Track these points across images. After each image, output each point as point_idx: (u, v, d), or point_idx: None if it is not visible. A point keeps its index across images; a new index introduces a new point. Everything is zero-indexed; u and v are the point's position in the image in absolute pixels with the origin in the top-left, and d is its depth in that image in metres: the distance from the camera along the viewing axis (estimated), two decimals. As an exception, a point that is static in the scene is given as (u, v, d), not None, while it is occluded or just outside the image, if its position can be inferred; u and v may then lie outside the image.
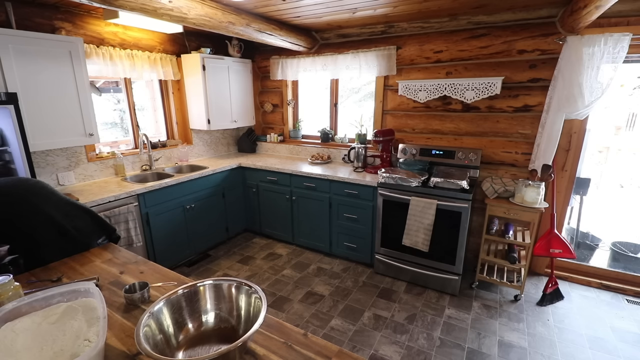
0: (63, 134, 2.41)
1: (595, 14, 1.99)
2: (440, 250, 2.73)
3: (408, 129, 3.34)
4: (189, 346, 1.00)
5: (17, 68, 2.14)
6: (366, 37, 3.32)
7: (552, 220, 2.63)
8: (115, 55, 2.90)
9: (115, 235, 1.73)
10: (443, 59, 3.00)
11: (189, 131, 3.76)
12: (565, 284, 2.90)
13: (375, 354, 2.16)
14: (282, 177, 3.48)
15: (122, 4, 1.85)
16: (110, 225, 1.71)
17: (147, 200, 2.78)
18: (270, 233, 3.82)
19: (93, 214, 1.65)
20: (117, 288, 1.28)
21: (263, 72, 4.14)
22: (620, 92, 3.84)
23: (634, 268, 2.94)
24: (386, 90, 3.37)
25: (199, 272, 3.18)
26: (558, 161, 2.76)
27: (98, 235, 1.65)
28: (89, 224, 1.61)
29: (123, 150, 3.25)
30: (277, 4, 2.45)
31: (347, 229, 3.24)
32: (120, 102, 3.48)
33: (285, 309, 2.63)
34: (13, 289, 1.08)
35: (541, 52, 2.61)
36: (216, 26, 2.44)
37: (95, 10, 2.70)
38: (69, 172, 2.78)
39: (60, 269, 1.43)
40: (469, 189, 2.60)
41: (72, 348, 0.90)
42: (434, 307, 2.65)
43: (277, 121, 4.25)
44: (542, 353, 2.17)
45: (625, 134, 4.36)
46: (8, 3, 2.25)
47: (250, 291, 1.04)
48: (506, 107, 2.82)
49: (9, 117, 2.02)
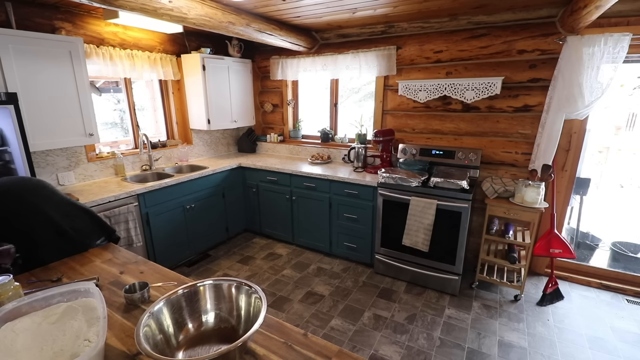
0: (63, 134, 2.41)
1: (595, 14, 1.99)
2: (440, 250, 2.73)
3: (408, 129, 3.34)
4: (189, 346, 1.00)
5: (17, 68, 2.14)
6: (366, 37, 3.32)
7: (552, 220, 2.63)
8: (115, 55, 2.90)
9: (115, 236, 1.72)
10: (443, 59, 3.00)
11: (189, 131, 3.76)
12: (565, 284, 2.90)
13: (375, 354, 2.16)
14: (282, 177, 3.48)
15: (122, 4, 1.85)
16: (109, 226, 1.71)
17: (147, 200, 2.78)
18: (270, 233, 3.82)
19: (93, 215, 1.65)
20: (117, 288, 1.28)
21: (263, 72, 4.14)
22: (620, 92, 3.84)
23: (634, 268, 2.94)
24: (386, 90, 3.37)
25: (199, 272, 3.18)
26: (558, 161, 2.76)
27: (97, 235, 1.65)
28: (88, 225, 1.61)
29: (123, 150, 3.25)
30: (277, 4, 2.45)
31: (347, 229, 3.24)
32: (120, 102, 3.48)
33: (285, 309, 2.63)
34: (13, 289, 1.08)
35: (541, 52, 2.61)
36: (216, 26, 2.44)
37: (95, 10, 2.70)
38: (69, 172, 2.78)
39: (60, 269, 1.43)
40: (469, 189, 2.60)
41: (72, 348, 0.90)
42: (434, 307, 2.65)
43: (277, 121, 4.25)
44: (542, 353, 2.17)
45: (625, 134, 4.36)
46: (8, 3, 2.25)
47: (250, 291, 1.04)
48: (506, 107, 2.82)
49: (9, 117, 2.02)
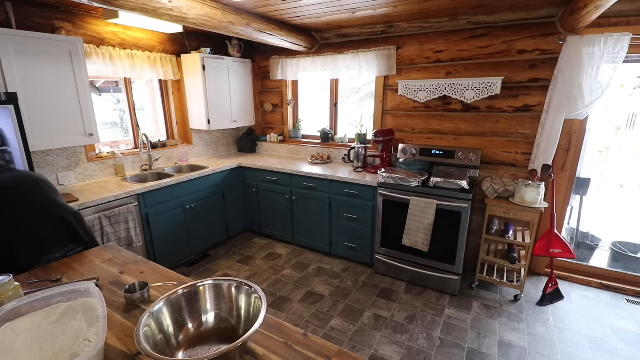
0: (63, 134, 2.41)
1: (595, 14, 1.99)
2: (440, 250, 2.73)
3: (408, 129, 3.34)
4: (189, 346, 1.00)
5: (17, 68, 2.13)
6: (366, 37, 3.32)
7: (552, 220, 2.63)
8: (115, 55, 2.90)
9: (90, 245, 1.64)
10: (443, 59, 3.00)
11: (189, 131, 3.76)
12: (565, 284, 2.90)
13: (375, 354, 2.16)
14: (282, 177, 3.48)
15: (122, 4, 1.85)
16: (83, 237, 1.61)
17: (147, 200, 2.78)
18: (270, 233, 3.82)
19: (68, 222, 1.55)
20: (117, 288, 1.28)
21: (263, 72, 4.14)
22: (620, 92, 3.84)
23: (634, 268, 2.94)
24: (386, 90, 3.37)
25: (199, 272, 3.18)
26: (558, 161, 2.75)
27: (63, 244, 1.55)
28: (57, 231, 1.52)
29: (123, 150, 3.25)
30: (277, 4, 2.45)
31: (347, 229, 3.24)
32: (120, 102, 3.48)
33: (285, 309, 2.63)
34: (13, 289, 1.08)
35: (541, 52, 2.61)
36: (216, 26, 2.44)
37: (95, 10, 2.70)
38: (69, 172, 2.78)
39: (60, 269, 1.43)
40: (469, 189, 2.60)
41: (72, 348, 0.90)
42: (434, 307, 2.64)
43: (277, 121, 4.25)
44: (542, 353, 2.17)
45: (625, 134, 4.36)
46: (8, 3, 2.25)
47: (250, 291, 1.04)
48: (506, 107, 2.82)
49: (9, 117, 2.02)
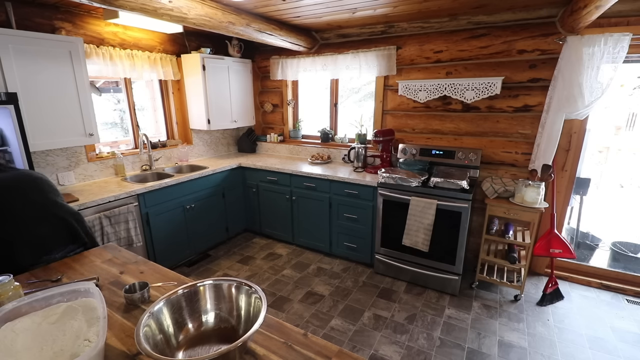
0: (63, 134, 2.41)
1: (595, 14, 1.99)
2: (440, 250, 2.73)
3: (408, 129, 3.34)
4: (189, 346, 1.00)
5: (17, 68, 2.13)
6: (366, 37, 3.32)
7: (552, 220, 2.63)
8: (115, 55, 2.90)
9: (89, 246, 1.65)
10: (443, 59, 3.00)
11: (189, 131, 3.75)
12: (565, 284, 2.90)
13: (375, 354, 2.16)
14: (282, 177, 3.48)
15: (122, 4, 1.85)
16: (83, 237, 1.62)
17: (147, 200, 2.78)
18: (270, 233, 3.82)
19: (68, 223, 1.55)
20: (117, 288, 1.28)
21: (263, 72, 4.14)
22: (620, 92, 3.84)
23: (634, 268, 2.94)
24: (386, 90, 3.37)
25: (199, 272, 3.18)
26: (558, 161, 2.75)
27: (64, 244, 1.55)
28: (57, 232, 1.52)
29: (123, 150, 3.25)
30: (277, 4, 2.45)
31: (347, 229, 3.24)
32: (120, 102, 3.48)
33: (285, 309, 2.63)
34: (13, 289, 1.08)
35: (541, 52, 2.61)
36: (216, 26, 2.44)
37: (95, 10, 2.70)
38: (69, 172, 2.78)
39: (60, 269, 1.43)
40: (469, 189, 2.60)
41: (72, 348, 0.90)
42: (434, 307, 2.64)
43: (277, 121, 4.25)
44: (542, 353, 2.17)
45: (625, 134, 4.36)
46: (8, 3, 2.25)
47: (250, 291, 1.04)
48: (506, 107, 2.82)
49: (9, 117, 2.02)
